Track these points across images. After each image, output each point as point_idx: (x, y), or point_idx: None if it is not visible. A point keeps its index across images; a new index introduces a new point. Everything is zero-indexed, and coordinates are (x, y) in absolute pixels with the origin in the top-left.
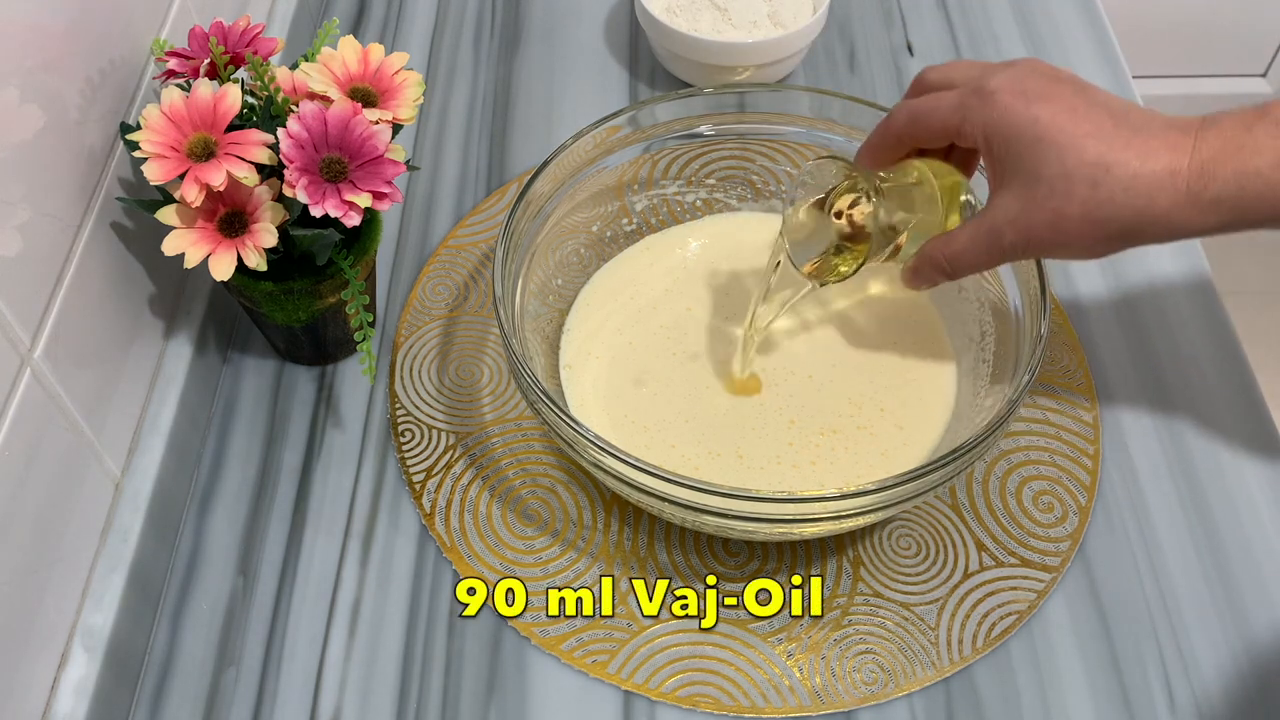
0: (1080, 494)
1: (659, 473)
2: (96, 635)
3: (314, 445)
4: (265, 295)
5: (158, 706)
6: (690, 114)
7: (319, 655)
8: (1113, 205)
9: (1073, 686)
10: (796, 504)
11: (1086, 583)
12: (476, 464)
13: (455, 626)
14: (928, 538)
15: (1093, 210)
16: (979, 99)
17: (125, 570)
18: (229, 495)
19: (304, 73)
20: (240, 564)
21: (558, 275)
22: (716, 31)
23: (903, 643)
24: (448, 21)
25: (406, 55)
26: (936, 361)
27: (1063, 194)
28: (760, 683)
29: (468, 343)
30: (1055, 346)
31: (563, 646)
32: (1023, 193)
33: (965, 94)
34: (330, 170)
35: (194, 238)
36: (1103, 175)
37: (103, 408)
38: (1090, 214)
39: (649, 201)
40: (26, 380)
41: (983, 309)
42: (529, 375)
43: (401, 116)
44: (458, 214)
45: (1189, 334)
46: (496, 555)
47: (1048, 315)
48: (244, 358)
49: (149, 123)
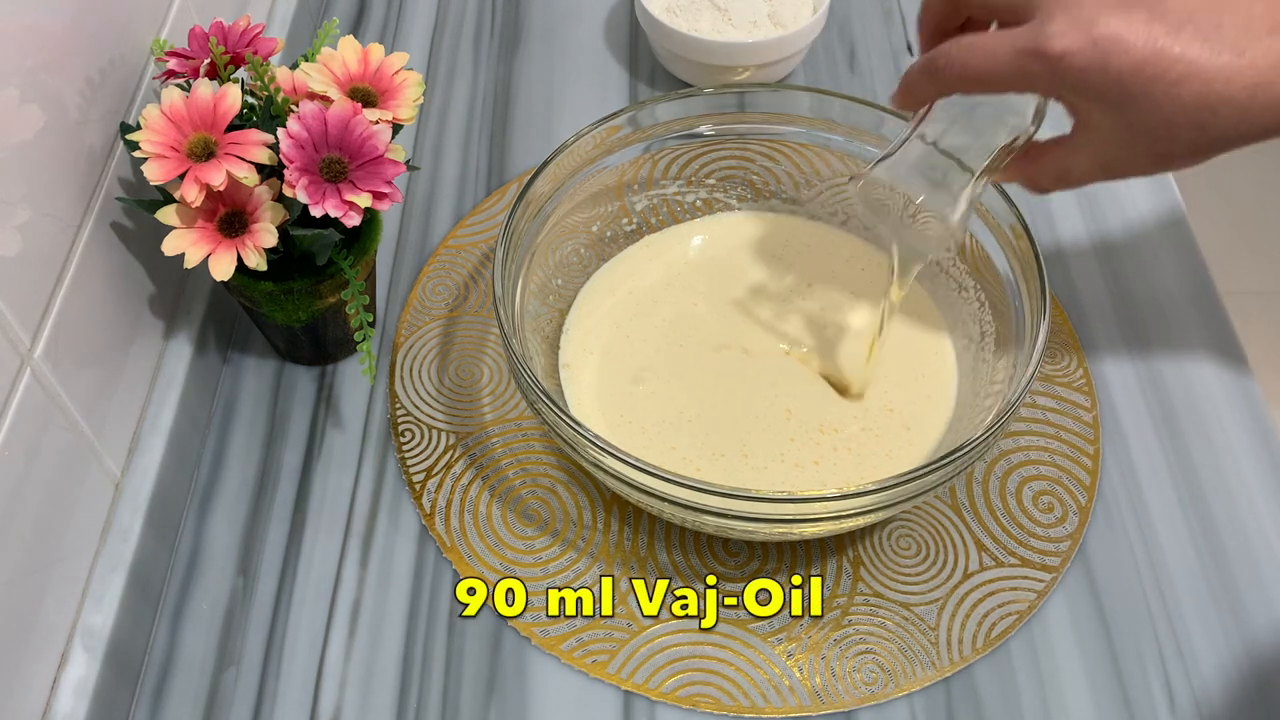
0: (1080, 494)
1: (659, 473)
2: (96, 635)
3: (314, 445)
4: (265, 295)
5: (158, 706)
6: (690, 114)
7: (319, 655)
8: (1223, 141)
9: (1073, 686)
10: (796, 504)
11: (1086, 583)
12: (476, 464)
13: (455, 626)
14: (928, 538)
15: (1202, 148)
16: (1044, 65)
17: (125, 570)
18: (229, 495)
19: (304, 73)
20: (240, 564)
21: (558, 275)
22: (716, 31)
23: (903, 643)
24: (448, 21)
25: (406, 55)
26: (937, 361)
27: (1166, 139)
28: (760, 683)
29: (468, 343)
30: (1055, 346)
31: (563, 646)
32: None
33: (1023, 56)
34: (330, 170)
35: (194, 238)
36: (1209, 118)
37: (103, 408)
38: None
39: (649, 201)
40: (26, 380)
41: (983, 309)
42: (529, 375)
43: (401, 116)
44: (458, 214)
45: (1189, 334)
46: (496, 555)
47: (1048, 315)
48: (244, 358)
49: (149, 123)
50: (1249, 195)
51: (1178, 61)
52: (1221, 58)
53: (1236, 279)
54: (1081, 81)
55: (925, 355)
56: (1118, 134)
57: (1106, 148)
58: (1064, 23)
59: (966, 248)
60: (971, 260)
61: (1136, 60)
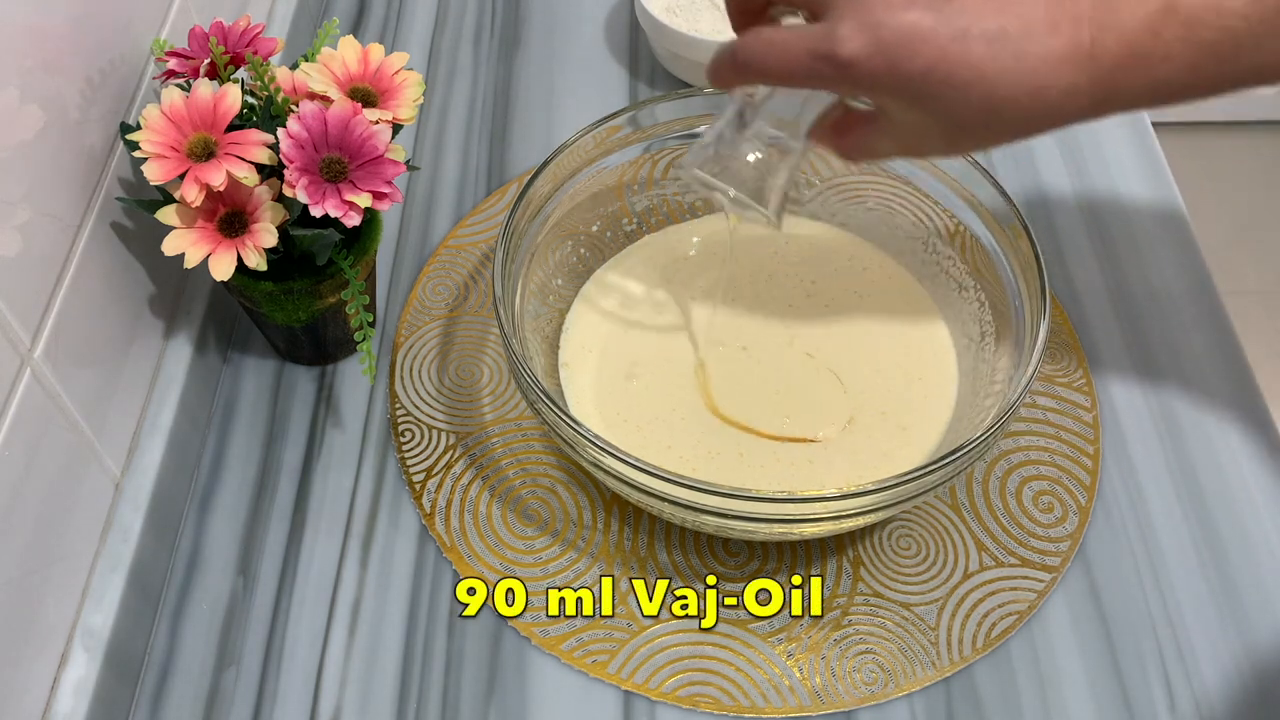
0: (1080, 494)
1: (658, 472)
2: (96, 635)
3: (314, 445)
4: (265, 295)
5: (158, 706)
6: (690, 114)
7: (319, 655)
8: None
9: (1073, 686)
10: (797, 504)
11: (1086, 583)
12: (476, 464)
13: (455, 626)
14: (928, 538)
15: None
16: (834, 69)
17: (125, 570)
18: (229, 495)
19: (304, 73)
20: (240, 564)
21: (558, 275)
22: (716, 31)
23: (903, 643)
24: (448, 21)
25: (406, 55)
26: (937, 361)
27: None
28: (760, 683)
29: (468, 343)
30: (1055, 346)
31: (563, 646)
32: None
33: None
34: (330, 170)
35: (194, 238)
36: (995, 119)
37: (103, 408)
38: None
39: (649, 201)
40: (26, 380)
41: (983, 309)
42: (529, 375)
43: (401, 116)
44: (458, 214)
45: (1189, 334)
46: (496, 555)
47: (1048, 315)
48: (244, 358)
49: (149, 123)
50: (1249, 195)
51: (961, 66)
52: (1003, 62)
53: (1236, 279)
54: (872, 84)
55: (925, 355)
56: (913, 124)
57: (904, 134)
58: (852, 26)
59: (967, 248)
60: (971, 260)
61: (923, 66)
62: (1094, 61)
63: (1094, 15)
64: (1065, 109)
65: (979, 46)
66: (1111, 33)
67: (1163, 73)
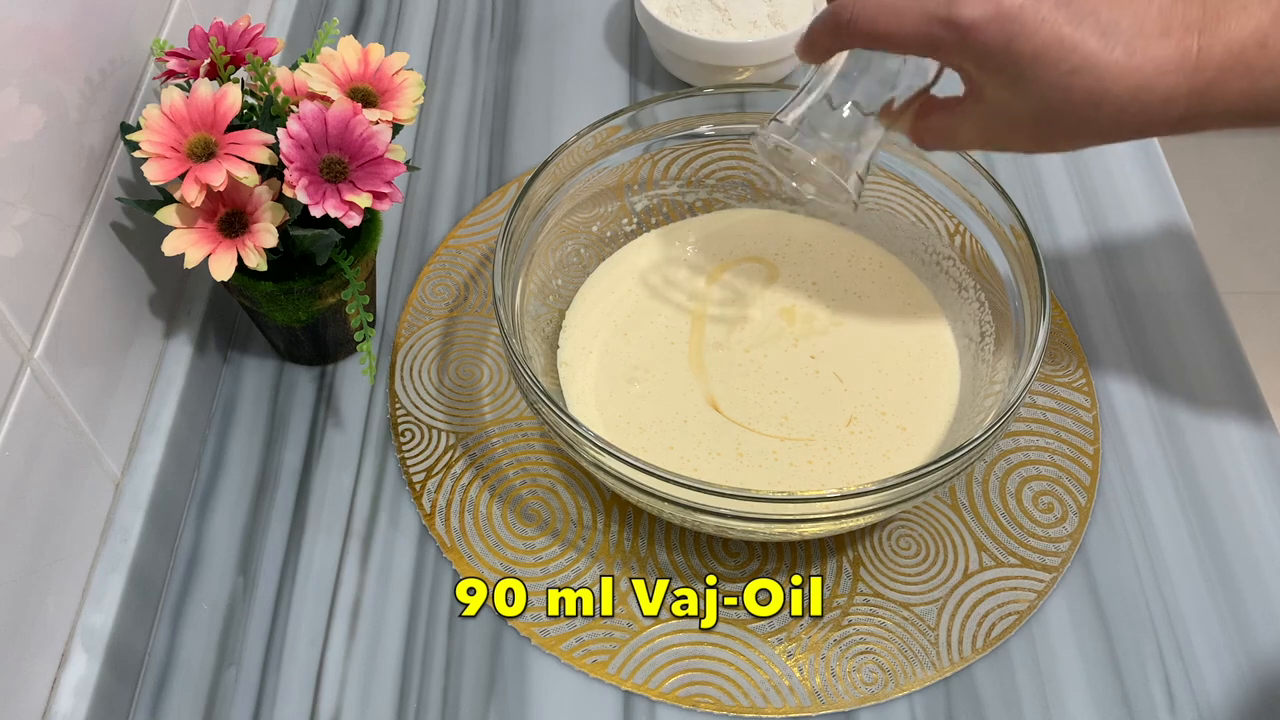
0: (1080, 494)
1: (659, 472)
2: (96, 635)
3: (314, 445)
4: (265, 295)
5: (158, 706)
6: (690, 114)
7: (319, 655)
8: (1099, 136)
9: (1073, 686)
10: (796, 504)
11: (1086, 583)
12: (476, 464)
13: (455, 626)
14: (928, 538)
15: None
16: (952, 32)
17: (125, 570)
18: (229, 495)
19: (304, 73)
20: (240, 564)
21: (558, 275)
22: (716, 32)
23: (903, 643)
24: (448, 21)
25: (406, 55)
26: (937, 362)
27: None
28: (760, 683)
29: (468, 343)
30: (1055, 346)
31: (563, 646)
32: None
33: (933, 21)
34: (330, 170)
35: (194, 238)
36: (1092, 112)
37: (103, 408)
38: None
39: (649, 201)
40: (26, 380)
41: (983, 309)
42: (529, 375)
43: (401, 116)
44: (458, 214)
45: (1189, 334)
46: (496, 555)
47: (1048, 315)
48: (244, 358)
49: (149, 123)
50: (1249, 195)
51: (1074, 52)
52: (1114, 55)
53: (1236, 279)
54: (984, 55)
55: (925, 355)
56: (1006, 110)
57: (993, 121)
58: None
59: (967, 248)
60: (971, 260)
61: (1038, 45)
62: (1197, 73)
63: (1205, 23)
64: (1157, 116)
65: (1094, 36)
66: (1219, 41)
67: (1267, 84)
